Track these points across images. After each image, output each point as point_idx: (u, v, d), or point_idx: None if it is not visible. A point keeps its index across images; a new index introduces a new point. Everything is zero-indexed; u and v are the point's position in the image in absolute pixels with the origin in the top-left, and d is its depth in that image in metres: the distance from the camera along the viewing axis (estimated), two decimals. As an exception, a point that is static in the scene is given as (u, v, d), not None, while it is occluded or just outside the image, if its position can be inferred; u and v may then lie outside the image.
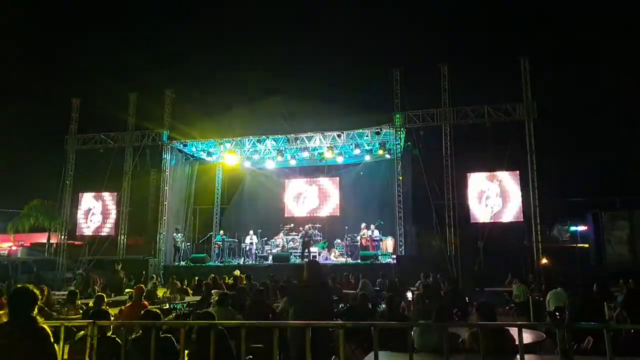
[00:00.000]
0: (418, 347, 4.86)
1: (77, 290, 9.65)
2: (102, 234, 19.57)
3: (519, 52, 16.95)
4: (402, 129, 17.37)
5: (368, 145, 19.50)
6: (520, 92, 16.42)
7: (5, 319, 3.36)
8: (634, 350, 4.57)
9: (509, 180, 16.42)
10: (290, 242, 19.21)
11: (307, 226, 18.64)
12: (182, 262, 18.82)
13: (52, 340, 3.23)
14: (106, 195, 19.81)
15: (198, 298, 9.80)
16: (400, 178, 17.15)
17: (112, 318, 6.01)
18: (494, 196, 16.37)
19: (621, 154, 23.67)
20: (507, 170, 16.49)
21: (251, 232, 19.25)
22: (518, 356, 3.27)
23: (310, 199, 21.69)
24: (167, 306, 9.62)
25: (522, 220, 16.11)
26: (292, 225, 20.05)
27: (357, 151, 19.21)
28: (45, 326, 3.27)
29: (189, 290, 11.68)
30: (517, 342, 3.37)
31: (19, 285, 3.52)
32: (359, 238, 18.10)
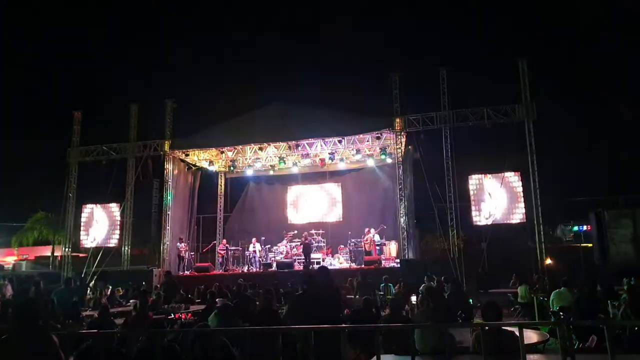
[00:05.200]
0: (419, 350, 4.87)
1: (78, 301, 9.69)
2: (106, 245, 19.58)
3: (516, 53, 17.03)
4: (402, 133, 17.40)
5: (369, 150, 19.58)
6: (519, 93, 16.46)
7: None
8: (639, 349, 4.57)
9: (510, 182, 16.41)
10: (294, 249, 19.20)
11: (304, 233, 18.64)
12: (186, 272, 18.83)
13: (59, 349, 3.29)
14: (109, 206, 19.85)
15: (203, 307, 9.81)
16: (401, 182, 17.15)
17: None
18: (496, 197, 16.36)
19: (623, 152, 23.67)
20: (508, 172, 16.48)
21: (254, 239, 19.26)
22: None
23: (312, 205, 21.72)
24: (172, 316, 9.64)
25: (525, 220, 16.09)
26: (295, 232, 20.05)
27: (358, 156, 19.28)
28: (53, 336, 3.33)
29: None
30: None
31: (24, 298, 3.59)
32: (362, 243, 18.09)
